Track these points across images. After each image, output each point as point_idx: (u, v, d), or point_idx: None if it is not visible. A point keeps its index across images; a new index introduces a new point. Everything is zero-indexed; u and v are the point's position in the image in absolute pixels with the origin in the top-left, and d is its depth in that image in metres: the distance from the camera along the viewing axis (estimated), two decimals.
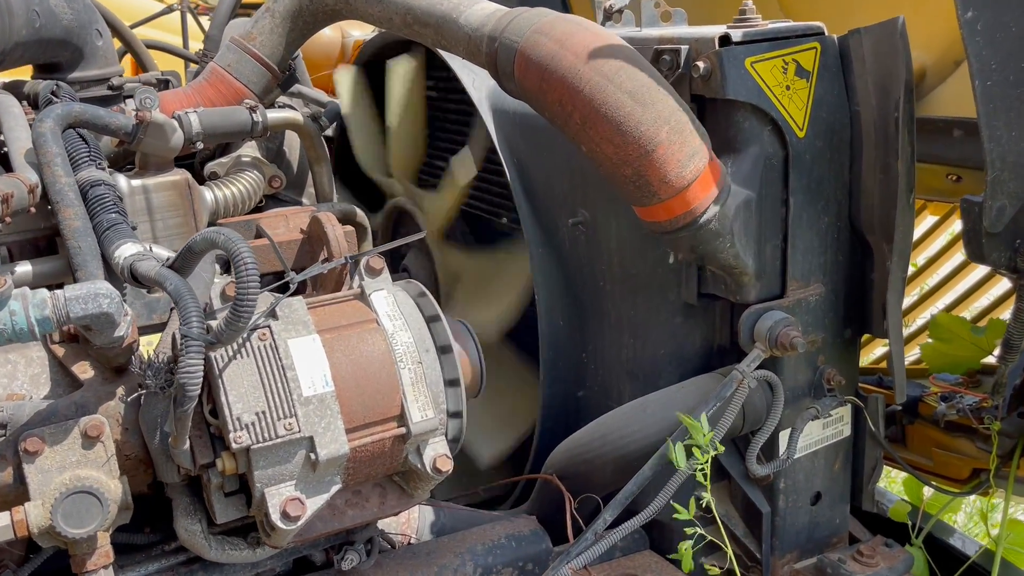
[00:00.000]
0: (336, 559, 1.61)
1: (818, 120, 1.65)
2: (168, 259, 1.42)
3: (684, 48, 1.62)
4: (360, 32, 3.23)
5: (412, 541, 1.90)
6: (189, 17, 3.89)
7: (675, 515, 1.44)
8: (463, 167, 2.17)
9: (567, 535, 1.82)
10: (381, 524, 1.75)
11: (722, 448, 1.49)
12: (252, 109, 2.01)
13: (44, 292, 1.23)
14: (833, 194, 1.71)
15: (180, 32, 3.95)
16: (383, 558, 1.72)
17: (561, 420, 2.09)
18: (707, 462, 1.44)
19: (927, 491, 2.11)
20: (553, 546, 1.83)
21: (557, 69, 1.47)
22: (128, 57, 3.22)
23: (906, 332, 2.59)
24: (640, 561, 1.94)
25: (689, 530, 1.46)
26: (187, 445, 1.34)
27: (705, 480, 1.47)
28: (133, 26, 3.75)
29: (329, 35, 3.12)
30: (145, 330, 1.73)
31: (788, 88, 1.62)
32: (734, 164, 1.62)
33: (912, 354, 2.56)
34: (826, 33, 1.65)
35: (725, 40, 1.58)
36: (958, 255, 2.81)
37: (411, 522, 1.92)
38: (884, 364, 2.54)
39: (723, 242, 1.56)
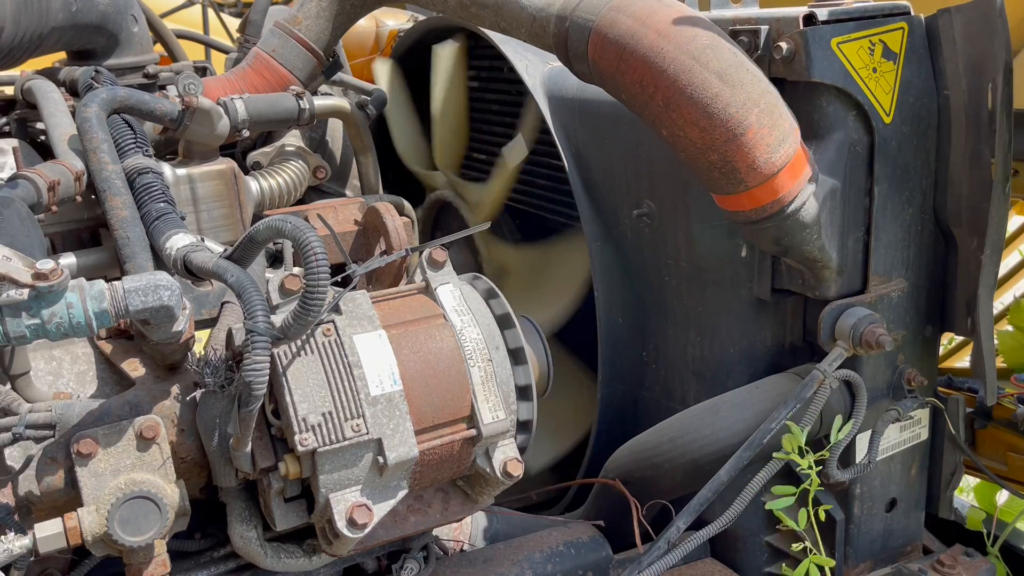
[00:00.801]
0: (395, 568, 1.53)
1: (905, 105, 1.56)
2: (225, 250, 1.34)
3: (764, 28, 1.53)
4: (394, 22, 3.14)
5: (465, 548, 1.81)
6: (210, 12, 3.81)
7: (780, 527, 1.35)
8: (514, 151, 2.10)
9: (626, 542, 1.74)
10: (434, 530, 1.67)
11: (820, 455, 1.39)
12: (299, 96, 1.92)
13: (101, 284, 1.15)
14: (918, 184, 1.62)
15: (200, 27, 3.88)
16: (439, 566, 1.64)
17: (618, 422, 2.01)
18: (810, 466, 1.35)
19: (999, 497, 2.02)
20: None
21: (638, 48, 1.38)
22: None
23: None
24: (703, 569, 1.86)
25: (796, 545, 1.37)
26: (249, 447, 1.26)
27: (810, 485, 1.38)
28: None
29: (364, 24, 3.03)
30: (196, 325, 1.65)
31: (875, 71, 1.53)
32: (817, 151, 1.53)
33: None
34: (912, 12, 1.56)
35: (810, 19, 1.49)
36: (1014, 253, 2.71)
37: (463, 528, 1.83)
38: (950, 363, 2.45)
39: (810, 233, 1.48)
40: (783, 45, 1.49)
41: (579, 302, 2.06)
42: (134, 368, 1.40)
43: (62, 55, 2.25)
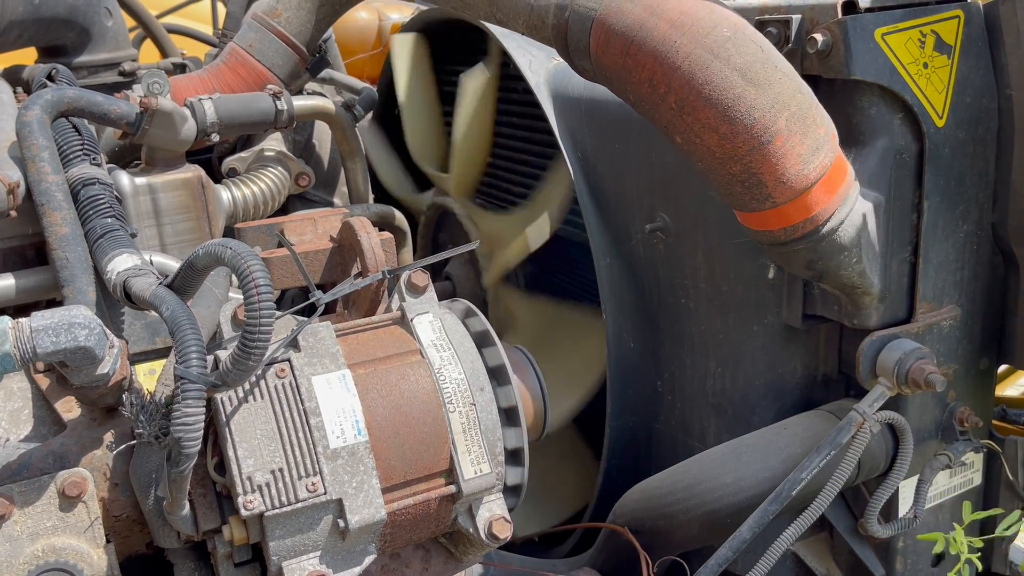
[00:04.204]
0: None
1: (960, 106, 1.35)
2: (168, 277, 1.16)
3: (796, 18, 1.33)
4: (398, 15, 2.96)
5: None
6: (220, 6, 3.65)
7: None
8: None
9: None
10: None
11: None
12: (276, 96, 1.74)
13: (5, 321, 0.97)
14: (975, 197, 1.41)
15: (211, 22, 3.73)
16: None
17: (631, 457, 1.81)
18: None
19: None
20: None
21: (647, 40, 1.18)
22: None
23: None
24: None
25: None
26: (186, 510, 1.08)
27: None
28: (161, 15, 3.52)
29: (365, 17, 2.86)
30: (148, 355, 1.48)
31: (926, 66, 1.32)
32: (858, 160, 1.32)
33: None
34: None
35: (850, 7, 1.28)
36: None
37: None
38: (999, 389, 2.22)
39: (848, 256, 1.27)
40: (818, 37, 1.29)
41: (598, 387, 1.87)
42: (68, 409, 1.22)
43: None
